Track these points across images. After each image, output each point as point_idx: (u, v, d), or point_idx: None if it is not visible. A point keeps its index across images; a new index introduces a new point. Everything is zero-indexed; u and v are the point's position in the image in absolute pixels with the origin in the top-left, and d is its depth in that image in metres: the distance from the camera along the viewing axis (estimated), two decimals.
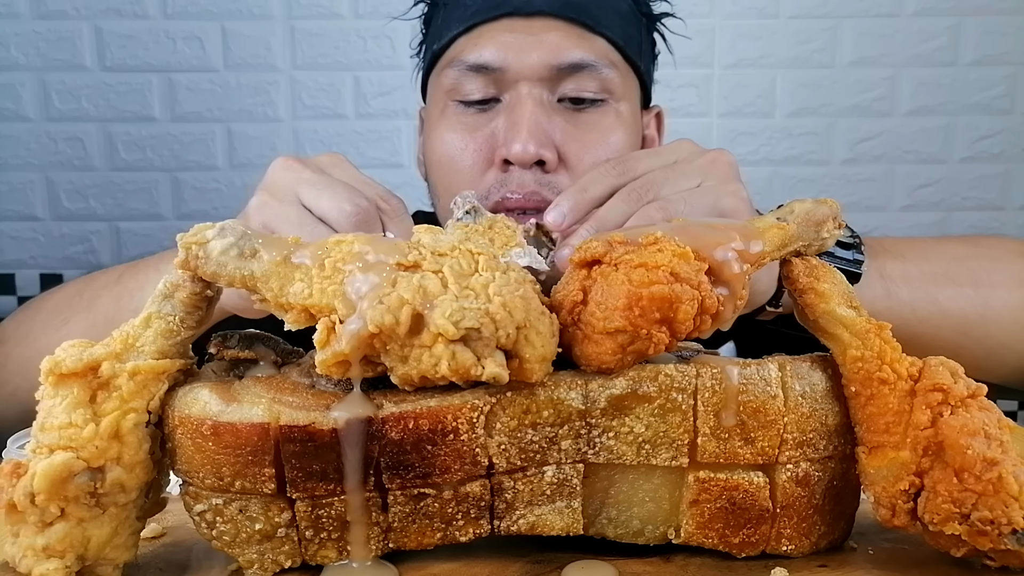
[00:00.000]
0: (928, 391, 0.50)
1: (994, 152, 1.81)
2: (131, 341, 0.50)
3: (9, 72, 1.75)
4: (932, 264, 0.85)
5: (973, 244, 0.90)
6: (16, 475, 0.48)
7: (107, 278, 0.90)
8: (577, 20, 0.91)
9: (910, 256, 0.85)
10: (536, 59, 0.89)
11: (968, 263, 0.86)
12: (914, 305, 0.82)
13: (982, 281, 0.85)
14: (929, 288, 0.83)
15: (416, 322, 0.46)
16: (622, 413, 0.51)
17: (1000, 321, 0.84)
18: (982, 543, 0.48)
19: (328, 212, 0.68)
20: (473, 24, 0.92)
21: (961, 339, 0.83)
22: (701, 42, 1.77)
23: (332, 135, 1.79)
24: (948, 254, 0.87)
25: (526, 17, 0.91)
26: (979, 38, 1.77)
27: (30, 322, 0.92)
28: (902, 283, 0.82)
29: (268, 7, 1.75)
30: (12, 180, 1.79)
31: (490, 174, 0.89)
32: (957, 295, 0.84)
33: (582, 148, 0.89)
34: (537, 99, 0.88)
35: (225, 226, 0.50)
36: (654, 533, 0.53)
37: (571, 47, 0.90)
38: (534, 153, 0.85)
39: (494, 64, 0.89)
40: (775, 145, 1.82)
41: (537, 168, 0.87)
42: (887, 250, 0.84)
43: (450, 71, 0.92)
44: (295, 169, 0.73)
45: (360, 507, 0.50)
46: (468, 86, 0.91)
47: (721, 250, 0.51)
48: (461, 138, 0.91)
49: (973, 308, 0.84)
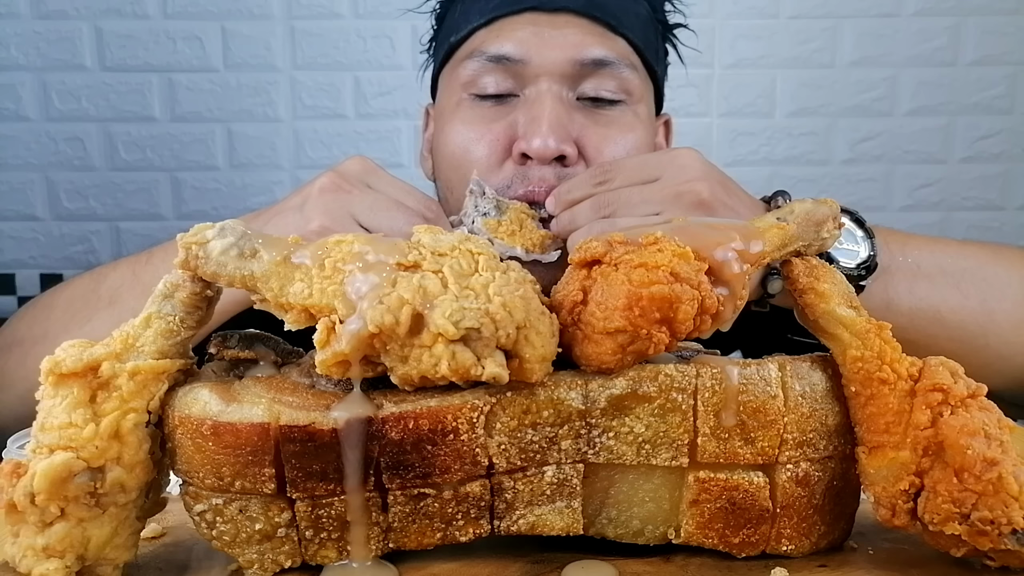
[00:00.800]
0: (928, 391, 0.50)
1: (994, 152, 1.81)
2: (131, 341, 0.50)
3: (9, 72, 1.75)
4: (944, 271, 0.83)
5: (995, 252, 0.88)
6: (16, 475, 0.48)
7: (120, 274, 0.89)
8: (600, 19, 0.92)
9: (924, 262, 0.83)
10: (558, 54, 0.88)
11: (984, 271, 0.85)
12: (913, 314, 0.81)
13: (990, 293, 0.83)
14: (933, 298, 0.82)
15: (416, 322, 0.46)
16: (622, 413, 0.51)
17: (1001, 333, 0.83)
18: (982, 543, 0.48)
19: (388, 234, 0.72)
20: (495, 17, 0.92)
21: (958, 348, 0.81)
22: (701, 42, 1.76)
23: (332, 135, 1.79)
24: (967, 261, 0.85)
25: (549, 12, 0.91)
26: (979, 38, 1.77)
27: (45, 321, 0.91)
28: (906, 292, 0.81)
29: (268, 7, 1.76)
30: (12, 180, 1.79)
31: (507, 166, 0.89)
32: (961, 306, 0.82)
33: (602, 141, 0.89)
34: (557, 95, 0.88)
35: (225, 226, 0.50)
36: (654, 533, 0.53)
37: (593, 44, 0.90)
38: (555, 148, 0.85)
39: (515, 56, 0.89)
40: (775, 145, 1.82)
41: (556, 163, 0.87)
42: (905, 253, 0.82)
43: (469, 63, 0.92)
44: (344, 189, 0.77)
45: (360, 507, 0.50)
46: (486, 79, 0.90)
47: (721, 250, 0.51)
48: (476, 129, 0.90)
49: (975, 320, 0.83)
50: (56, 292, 0.96)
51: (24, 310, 0.99)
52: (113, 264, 0.94)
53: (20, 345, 0.92)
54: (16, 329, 0.95)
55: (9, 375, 0.90)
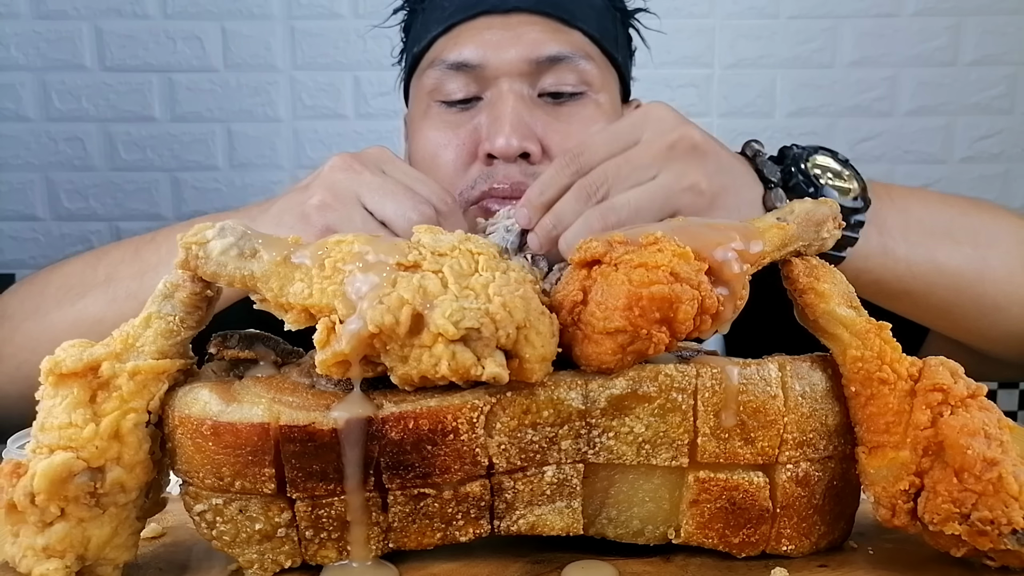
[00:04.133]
0: (928, 391, 0.50)
1: (994, 152, 1.81)
2: (131, 341, 0.50)
3: (9, 72, 1.75)
4: (934, 219, 0.83)
5: (976, 204, 0.88)
6: (16, 475, 0.48)
7: (121, 252, 0.88)
8: (553, 15, 0.93)
9: (913, 207, 0.83)
10: (514, 54, 0.89)
11: (971, 219, 0.85)
12: (910, 261, 0.80)
13: (981, 240, 0.83)
14: (928, 243, 0.81)
15: (416, 322, 0.46)
16: (622, 413, 0.51)
17: (996, 280, 0.82)
18: (982, 543, 0.48)
19: (393, 219, 0.71)
20: (451, 24, 0.93)
21: (955, 297, 0.82)
22: (701, 42, 1.77)
23: (332, 135, 1.79)
24: (953, 209, 0.85)
25: (503, 14, 0.92)
26: (979, 38, 1.77)
27: (38, 296, 0.90)
28: (900, 238, 0.80)
29: (268, 7, 1.75)
30: (12, 180, 1.79)
31: (474, 168, 0.90)
32: (955, 252, 0.82)
33: (564, 138, 0.89)
34: (518, 93, 0.89)
35: (225, 226, 0.50)
36: (654, 533, 0.53)
37: (548, 41, 0.91)
38: (517, 146, 0.86)
39: (473, 61, 0.90)
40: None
41: (522, 160, 0.87)
42: (892, 200, 0.82)
43: (431, 71, 0.93)
44: (355, 170, 0.74)
45: (360, 507, 0.50)
46: (449, 85, 0.92)
47: (721, 250, 0.51)
48: (444, 135, 0.91)
49: (970, 266, 0.82)
50: (53, 269, 0.94)
51: (18, 285, 0.97)
52: (116, 243, 0.93)
53: (10, 320, 0.90)
54: (7, 304, 0.93)
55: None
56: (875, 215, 0.79)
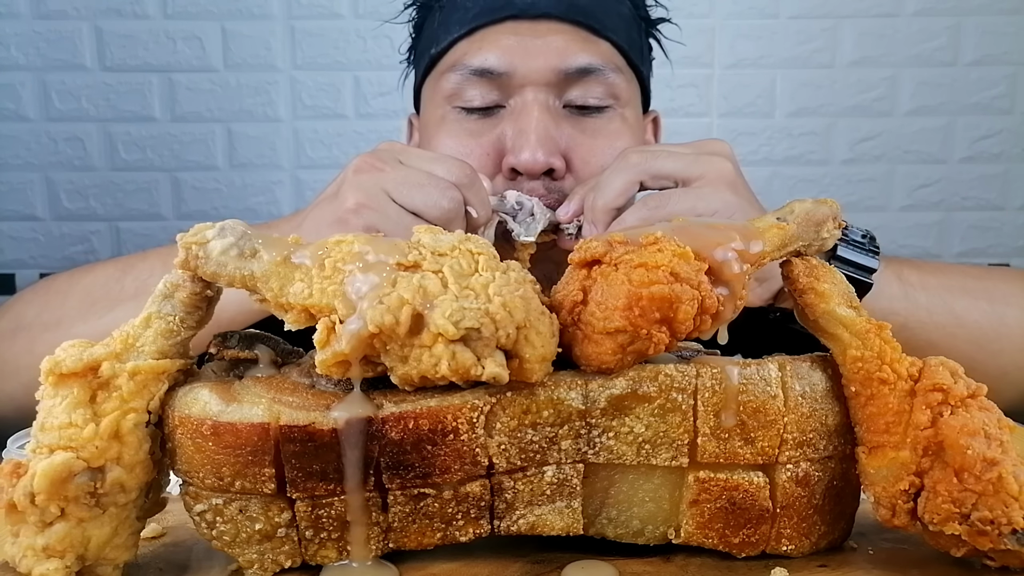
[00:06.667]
0: (928, 391, 0.50)
1: (994, 152, 1.81)
2: (131, 341, 0.50)
3: (9, 72, 1.75)
4: (948, 276, 0.86)
5: (986, 267, 0.93)
6: (16, 475, 0.48)
7: (149, 265, 0.86)
8: (583, 23, 0.89)
9: (926, 267, 0.86)
10: (543, 63, 0.87)
11: (983, 281, 0.87)
12: (931, 310, 0.82)
13: (997, 297, 0.85)
14: (945, 296, 0.83)
15: (416, 322, 0.46)
16: (622, 413, 0.51)
17: (1013, 338, 0.84)
18: (982, 543, 0.48)
19: (424, 209, 0.71)
20: (475, 27, 0.90)
21: (976, 352, 0.82)
22: (701, 42, 1.77)
23: (332, 135, 1.79)
24: (963, 271, 0.89)
25: (530, 20, 0.89)
26: (979, 38, 1.77)
27: (58, 308, 0.88)
28: (919, 288, 0.82)
29: (268, 7, 1.75)
30: (12, 180, 1.79)
31: (497, 181, 0.87)
32: (972, 307, 0.84)
33: (589, 153, 0.87)
34: (544, 105, 0.86)
35: (225, 226, 0.50)
36: (654, 533, 0.53)
37: (577, 51, 0.88)
38: (544, 162, 0.84)
39: (499, 69, 0.87)
40: (775, 145, 1.82)
41: (545, 176, 0.85)
42: (902, 261, 0.85)
43: (451, 75, 0.90)
44: (377, 168, 0.74)
45: (360, 507, 0.50)
46: (470, 92, 0.89)
47: (721, 250, 0.51)
48: (464, 143, 0.89)
49: (988, 321, 0.84)
50: (73, 277, 0.92)
51: (30, 293, 0.94)
52: (142, 254, 0.91)
53: (28, 331, 0.88)
54: (22, 314, 0.90)
55: (13, 362, 0.86)
56: (890, 265, 0.80)
